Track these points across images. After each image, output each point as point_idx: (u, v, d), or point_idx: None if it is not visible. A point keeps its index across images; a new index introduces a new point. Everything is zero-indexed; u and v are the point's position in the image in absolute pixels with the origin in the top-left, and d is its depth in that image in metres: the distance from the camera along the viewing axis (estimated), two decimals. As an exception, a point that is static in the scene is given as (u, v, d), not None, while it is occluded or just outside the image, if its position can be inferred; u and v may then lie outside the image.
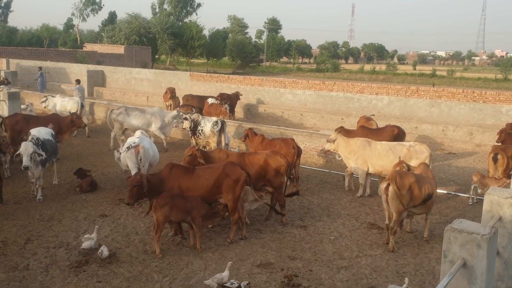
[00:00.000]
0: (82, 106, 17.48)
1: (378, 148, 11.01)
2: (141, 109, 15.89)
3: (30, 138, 9.96)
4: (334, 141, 11.47)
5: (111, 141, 15.55)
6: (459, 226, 4.47)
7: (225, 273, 6.67)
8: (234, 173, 8.06)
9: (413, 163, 10.51)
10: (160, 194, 7.73)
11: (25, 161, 9.40)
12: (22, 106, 16.47)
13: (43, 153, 9.87)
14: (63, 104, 17.45)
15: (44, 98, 18.05)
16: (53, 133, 11.16)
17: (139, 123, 14.89)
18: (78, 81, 22.31)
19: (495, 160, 11.38)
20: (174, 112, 15.62)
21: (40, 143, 9.93)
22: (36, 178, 9.98)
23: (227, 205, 8.16)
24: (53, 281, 6.86)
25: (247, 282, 6.78)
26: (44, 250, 7.81)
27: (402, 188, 7.99)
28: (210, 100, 19.09)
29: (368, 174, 11.18)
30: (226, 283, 6.57)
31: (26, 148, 9.50)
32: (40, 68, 29.63)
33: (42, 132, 10.53)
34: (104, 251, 7.47)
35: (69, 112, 16.60)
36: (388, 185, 8.10)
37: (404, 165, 9.27)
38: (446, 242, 4.47)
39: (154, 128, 15.01)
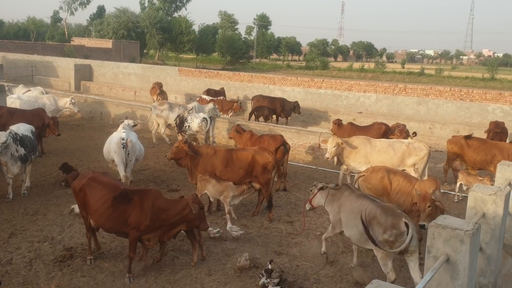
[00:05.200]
0: None
1: (378, 145, 10.89)
2: (182, 104, 16.43)
3: (8, 132, 9.77)
4: (338, 144, 10.83)
5: (153, 137, 15.86)
6: (443, 222, 4.50)
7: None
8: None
9: (412, 160, 10.56)
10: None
11: None
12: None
13: (22, 148, 9.72)
14: (28, 94, 17.33)
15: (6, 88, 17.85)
16: (33, 129, 10.93)
17: None
18: None
19: None
20: (210, 105, 16.08)
21: (18, 139, 9.77)
22: (13, 175, 9.77)
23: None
24: (36, 275, 6.80)
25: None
26: (28, 245, 7.74)
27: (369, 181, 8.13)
28: (206, 97, 19.06)
29: None
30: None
31: None
32: None
33: (21, 128, 10.35)
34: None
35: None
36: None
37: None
38: (430, 237, 4.51)
39: None
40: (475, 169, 11.62)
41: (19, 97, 16.42)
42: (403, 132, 13.02)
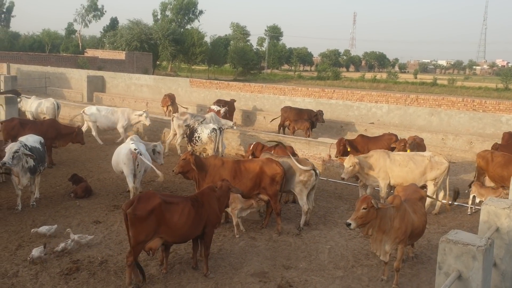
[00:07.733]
0: (58, 107, 17.63)
1: (398, 159, 10.49)
2: (202, 115, 16.75)
3: (19, 143, 9.78)
4: (355, 164, 10.32)
5: (166, 146, 16.03)
6: (454, 237, 4.36)
7: None
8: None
9: (434, 174, 10.31)
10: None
11: (6, 157, 9.25)
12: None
13: (33, 155, 9.72)
14: (40, 105, 17.55)
15: (19, 99, 18.10)
16: (42, 141, 10.92)
17: None
18: None
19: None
20: (230, 123, 16.51)
21: (28, 150, 9.77)
22: (23, 186, 9.78)
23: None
24: (42, 288, 6.74)
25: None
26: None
27: None
28: (214, 107, 19.15)
29: (389, 186, 10.59)
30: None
31: (11, 147, 9.42)
32: None
33: (30, 140, 10.36)
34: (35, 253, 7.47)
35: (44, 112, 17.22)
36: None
37: None
38: (441, 253, 4.36)
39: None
40: (497, 185, 11.22)
41: (98, 109, 17.01)
42: (401, 141, 12.75)
